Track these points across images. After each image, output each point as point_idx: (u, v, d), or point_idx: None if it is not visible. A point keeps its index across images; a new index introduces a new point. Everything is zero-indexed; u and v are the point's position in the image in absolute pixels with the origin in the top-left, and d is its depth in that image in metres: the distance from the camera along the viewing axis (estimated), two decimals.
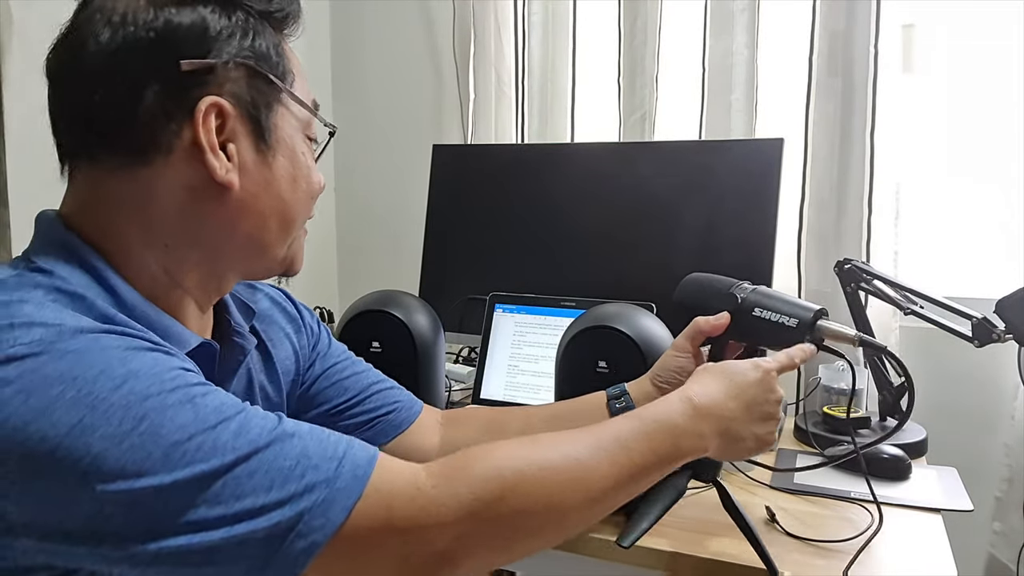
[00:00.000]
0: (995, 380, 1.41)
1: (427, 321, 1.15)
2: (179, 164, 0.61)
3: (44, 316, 0.52)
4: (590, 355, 1.00)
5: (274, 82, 0.65)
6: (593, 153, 1.54)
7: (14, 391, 0.48)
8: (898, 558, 0.87)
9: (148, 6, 0.60)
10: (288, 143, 0.67)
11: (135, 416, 0.50)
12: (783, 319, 0.84)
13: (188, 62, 0.60)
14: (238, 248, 0.67)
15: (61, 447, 0.48)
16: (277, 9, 0.66)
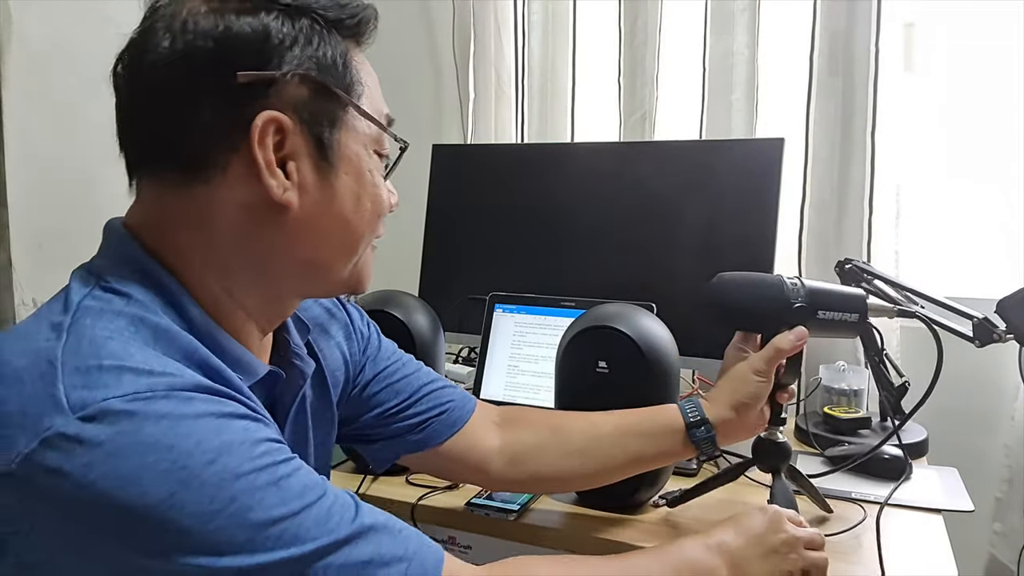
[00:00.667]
0: (996, 380, 1.41)
1: (427, 321, 1.14)
2: (236, 182, 0.58)
3: (134, 360, 0.51)
4: (590, 355, 1.00)
5: (339, 95, 0.61)
6: (593, 153, 1.54)
7: (106, 453, 0.47)
8: (899, 558, 0.87)
9: (209, 13, 0.57)
10: (353, 160, 0.63)
11: (226, 497, 0.49)
12: (845, 316, 0.87)
13: (245, 74, 0.56)
14: (298, 270, 0.63)
15: (149, 518, 0.47)
16: (349, 16, 0.62)
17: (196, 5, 0.57)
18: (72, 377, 0.49)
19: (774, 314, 0.88)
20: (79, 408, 0.48)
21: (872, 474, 1.09)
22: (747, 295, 0.90)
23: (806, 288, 0.89)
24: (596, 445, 0.88)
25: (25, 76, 1.27)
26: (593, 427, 0.90)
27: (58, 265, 1.21)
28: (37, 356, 0.51)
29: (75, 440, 0.47)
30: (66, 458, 0.47)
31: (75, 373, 0.49)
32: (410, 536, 0.57)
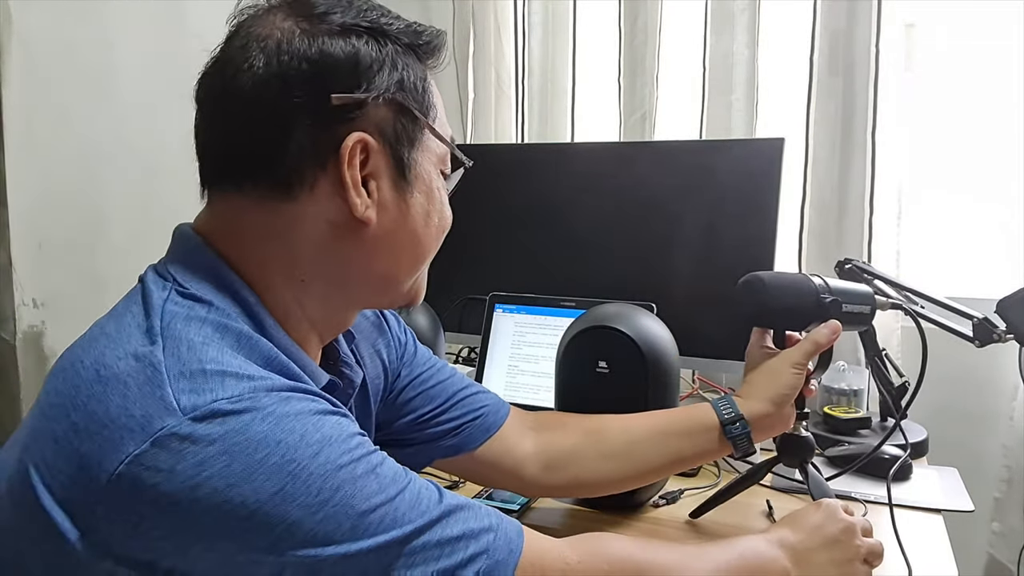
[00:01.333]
0: (996, 380, 1.41)
1: (427, 321, 1.14)
2: (321, 199, 0.60)
3: (231, 365, 0.53)
4: (590, 355, 1.00)
5: (419, 118, 0.64)
6: (593, 153, 1.54)
7: (218, 451, 0.49)
8: (898, 558, 0.87)
9: (304, 36, 0.59)
10: (426, 179, 0.66)
11: (331, 487, 0.51)
12: (863, 308, 0.94)
13: (338, 96, 0.58)
14: (370, 283, 0.66)
15: (260, 513, 0.49)
16: (426, 42, 0.65)
17: (289, 26, 0.59)
18: (179, 382, 0.51)
19: (809, 310, 0.91)
20: (190, 410, 0.49)
21: (872, 474, 1.09)
22: (786, 293, 0.91)
23: (830, 284, 0.92)
24: (634, 447, 0.89)
25: (25, 76, 1.27)
26: (629, 430, 0.91)
27: (58, 265, 1.21)
28: (138, 360, 0.52)
29: (188, 440, 0.49)
30: (178, 458, 0.48)
31: (181, 377, 0.51)
32: (491, 511, 0.60)
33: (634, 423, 0.92)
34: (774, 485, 1.08)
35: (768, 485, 1.08)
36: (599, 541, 0.68)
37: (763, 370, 0.92)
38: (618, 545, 0.68)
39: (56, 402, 0.53)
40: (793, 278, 0.94)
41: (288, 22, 0.59)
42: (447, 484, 1.07)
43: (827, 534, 0.78)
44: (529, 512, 1.00)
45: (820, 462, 1.18)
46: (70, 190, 1.29)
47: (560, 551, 0.63)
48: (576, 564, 0.63)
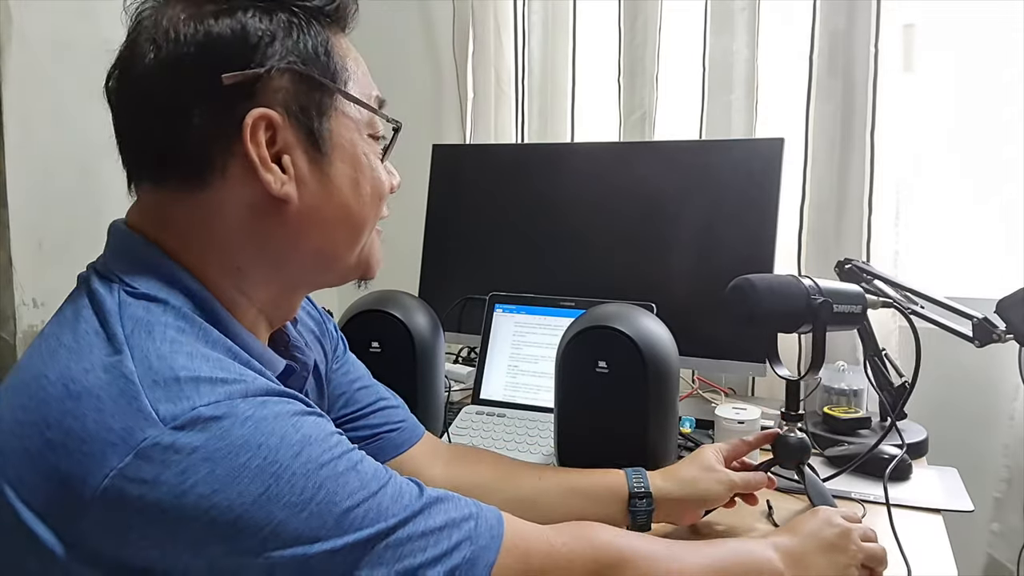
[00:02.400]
0: (996, 380, 1.41)
1: (427, 321, 1.14)
2: (236, 183, 0.59)
3: (203, 370, 0.52)
4: (590, 355, 1.00)
5: (325, 84, 0.62)
6: (593, 153, 1.54)
7: (200, 458, 0.49)
8: (897, 558, 0.87)
9: (189, 19, 0.57)
10: (347, 147, 0.64)
11: (314, 485, 0.51)
12: (853, 308, 0.94)
13: (230, 75, 0.57)
14: (307, 261, 0.65)
15: (246, 515, 0.49)
16: (327, 3, 0.63)
17: (175, 13, 0.58)
18: (154, 391, 0.50)
19: (799, 312, 0.91)
20: (170, 419, 0.49)
21: (871, 474, 1.09)
22: (777, 296, 0.92)
23: (820, 285, 0.92)
24: (541, 497, 0.88)
25: (25, 76, 1.27)
26: (541, 479, 0.91)
27: (58, 265, 1.21)
28: (108, 372, 0.51)
29: (171, 449, 0.49)
30: (163, 468, 0.48)
31: (155, 387, 0.51)
32: (470, 501, 0.61)
33: (547, 475, 0.93)
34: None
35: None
36: (585, 527, 0.69)
37: (701, 465, 0.92)
38: (604, 532, 0.69)
39: (25, 419, 0.52)
40: (783, 280, 0.93)
41: (175, 9, 0.58)
42: None
43: (823, 538, 0.79)
44: None
45: (820, 462, 1.18)
46: (70, 190, 1.29)
47: (544, 535, 0.64)
48: (560, 547, 0.63)
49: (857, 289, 0.97)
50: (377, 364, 1.11)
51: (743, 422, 1.16)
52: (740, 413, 1.17)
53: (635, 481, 0.89)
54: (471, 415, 1.30)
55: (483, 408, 1.31)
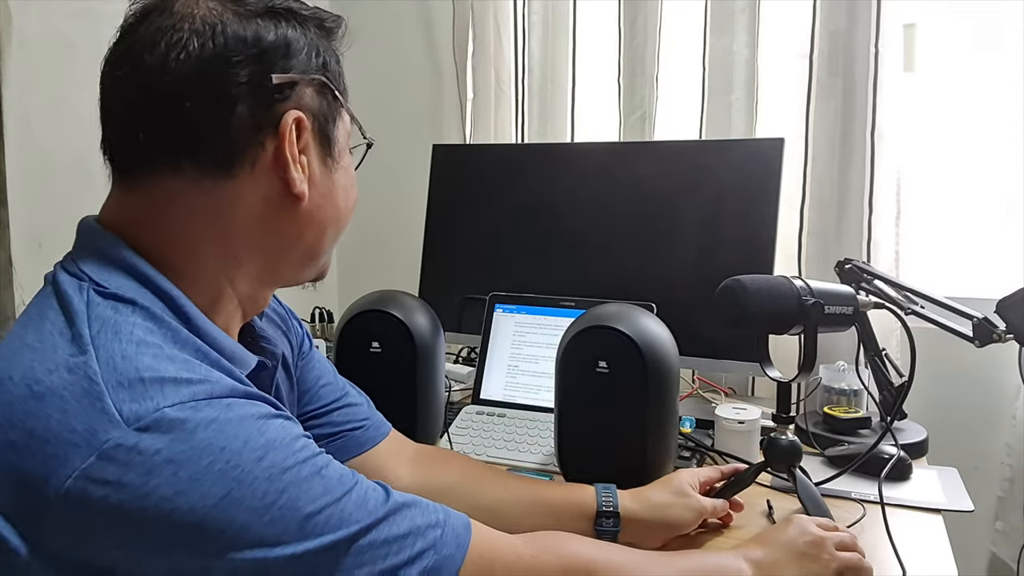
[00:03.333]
0: (996, 380, 1.41)
1: (427, 321, 1.14)
2: (260, 176, 0.62)
3: (169, 370, 0.53)
4: (590, 355, 1.00)
5: (337, 96, 0.67)
6: (593, 153, 1.54)
7: (164, 460, 0.49)
8: (893, 560, 0.87)
9: (236, 19, 0.60)
10: (344, 155, 0.70)
11: (277, 489, 0.52)
12: (844, 309, 0.94)
13: (278, 76, 0.61)
14: (297, 256, 0.68)
15: (208, 519, 0.49)
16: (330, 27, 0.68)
17: (214, 5, 0.60)
18: (118, 392, 0.51)
19: (790, 313, 0.91)
20: (134, 420, 0.50)
21: (871, 474, 1.09)
22: (766, 299, 0.92)
23: (812, 286, 0.92)
24: (506, 507, 0.87)
25: (25, 75, 1.27)
26: (508, 489, 0.90)
27: None
28: (72, 373, 0.52)
29: (135, 451, 0.49)
30: (125, 469, 0.49)
31: (119, 388, 0.51)
32: (438, 508, 0.61)
33: (514, 484, 0.92)
34: (773, 485, 1.08)
35: (767, 485, 1.08)
36: (555, 538, 0.69)
37: (673, 490, 0.91)
38: (574, 543, 0.69)
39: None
40: (774, 282, 0.93)
41: (214, 2, 0.60)
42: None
43: (795, 548, 0.79)
44: None
45: (820, 462, 1.18)
46: (70, 190, 1.29)
47: (513, 545, 0.64)
48: (528, 558, 0.64)
49: (849, 290, 0.97)
50: (377, 364, 1.11)
51: (743, 422, 1.16)
52: (740, 413, 1.17)
53: (604, 499, 0.88)
54: (471, 415, 1.30)
55: (483, 408, 1.31)
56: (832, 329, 0.96)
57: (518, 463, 1.16)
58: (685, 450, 1.17)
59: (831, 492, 1.05)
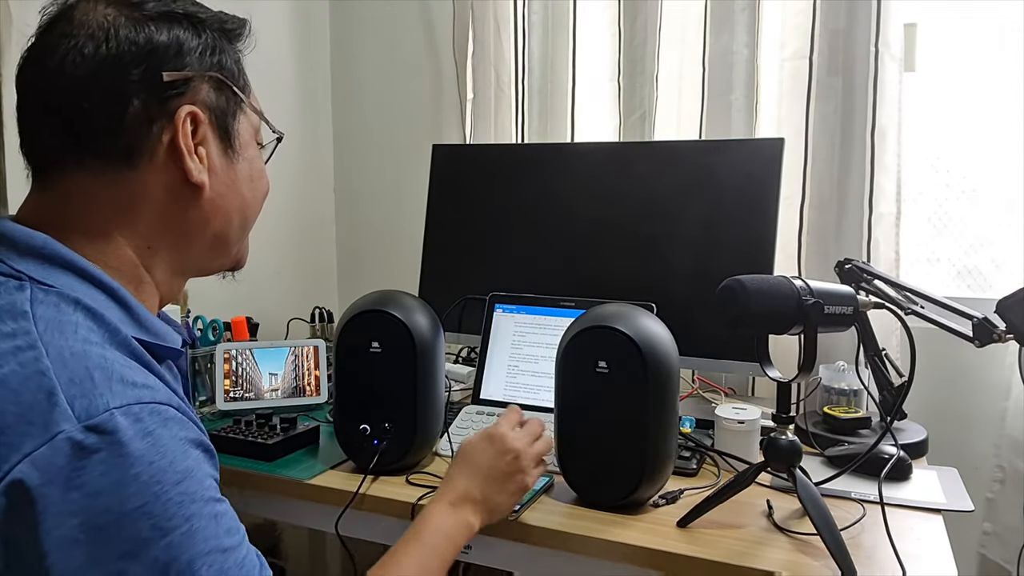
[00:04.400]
0: (996, 380, 1.41)
1: (427, 321, 1.14)
2: (160, 167, 0.67)
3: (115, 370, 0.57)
4: (590, 355, 1.00)
5: (237, 93, 0.72)
6: (593, 153, 1.54)
7: (98, 460, 0.53)
8: (893, 559, 0.87)
9: (129, 23, 0.65)
10: (248, 148, 0.74)
11: (183, 516, 0.55)
12: (844, 309, 0.94)
13: (169, 73, 0.66)
14: (207, 245, 0.73)
15: (118, 523, 0.53)
16: (232, 28, 0.73)
17: (111, 12, 0.65)
18: (70, 388, 0.54)
19: (790, 313, 0.91)
20: (85, 416, 0.53)
21: (871, 473, 1.09)
22: (767, 297, 0.91)
23: (812, 286, 0.92)
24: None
25: None
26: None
27: None
28: (23, 367, 0.55)
29: (78, 447, 0.52)
30: (65, 461, 0.52)
31: (71, 384, 0.55)
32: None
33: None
34: (773, 485, 1.08)
35: (767, 485, 1.08)
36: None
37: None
38: None
39: None
40: (774, 281, 0.93)
41: (109, 9, 0.66)
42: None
43: (499, 471, 0.90)
44: (529, 512, 1.00)
45: (820, 462, 1.18)
46: None
47: None
48: None
49: (848, 290, 0.97)
50: (377, 364, 1.11)
51: (743, 422, 1.16)
52: (740, 413, 1.17)
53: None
54: (471, 415, 1.30)
55: (483, 408, 1.31)
56: (832, 329, 0.96)
57: None
58: (685, 450, 1.17)
59: (831, 492, 1.05)
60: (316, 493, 1.11)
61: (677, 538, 0.94)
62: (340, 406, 1.16)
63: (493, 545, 1.01)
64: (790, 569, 0.87)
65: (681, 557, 0.90)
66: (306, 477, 1.13)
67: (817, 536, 0.89)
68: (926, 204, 1.55)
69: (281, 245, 1.89)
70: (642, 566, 0.93)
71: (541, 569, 1.01)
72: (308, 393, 1.43)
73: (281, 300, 1.85)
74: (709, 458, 1.18)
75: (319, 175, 2.03)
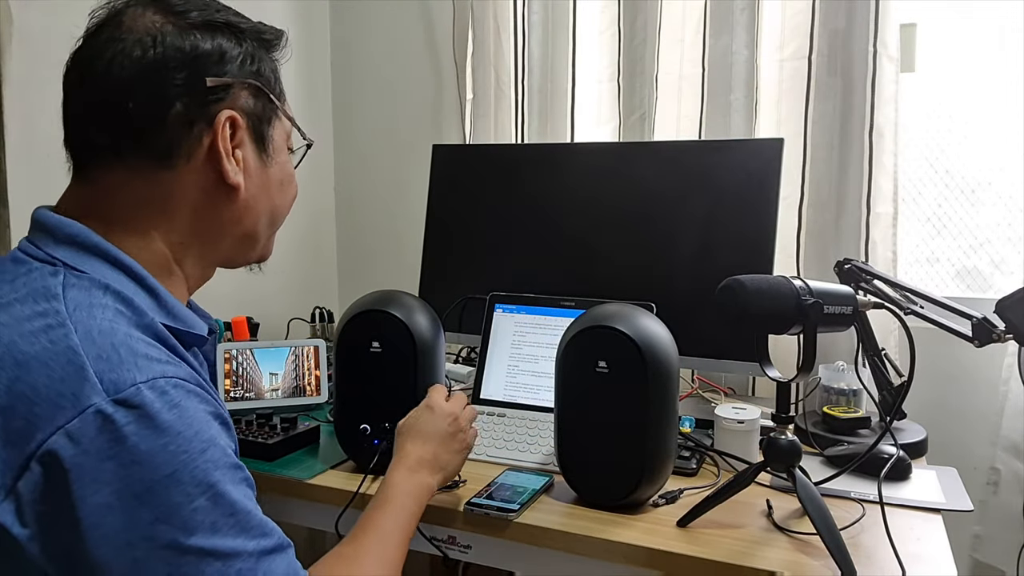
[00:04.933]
0: (995, 380, 1.41)
1: (427, 321, 1.14)
2: (197, 168, 0.70)
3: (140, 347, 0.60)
4: (590, 355, 1.00)
5: (273, 100, 0.76)
6: (593, 153, 1.54)
7: (129, 432, 0.56)
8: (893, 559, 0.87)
9: (176, 31, 0.69)
10: (280, 153, 0.78)
11: (207, 482, 0.59)
12: (843, 309, 0.95)
13: (212, 79, 0.69)
14: (236, 241, 0.77)
15: (151, 491, 0.57)
16: (269, 39, 0.77)
17: (158, 19, 0.69)
18: (98, 363, 0.58)
19: (790, 313, 0.91)
20: (113, 391, 0.57)
21: (871, 473, 1.09)
22: (767, 297, 0.92)
23: (811, 286, 0.92)
24: None
25: (26, 74, 1.27)
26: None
27: None
28: (55, 344, 0.58)
29: (109, 420, 0.56)
30: (96, 434, 0.56)
31: (99, 359, 0.58)
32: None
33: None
34: (773, 485, 1.08)
35: (767, 485, 1.08)
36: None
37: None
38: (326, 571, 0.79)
39: None
40: (773, 281, 0.93)
41: (157, 16, 0.69)
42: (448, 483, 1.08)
43: (445, 433, 0.97)
44: (529, 512, 1.00)
45: (819, 462, 1.19)
46: None
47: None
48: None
49: (848, 290, 0.97)
50: (377, 364, 1.12)
51: (743, 422, 1.16)
52: (740, 413, 1.17)
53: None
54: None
55: (483, 408, 1.31)
56: (831, 329, 0.96)
57: (518, 463, 1.16)
58: (685, 450, 1.17)
59: (830, 492, 1.05)
60: (316, 493, 1.11)
61: (677, 538, 0.94)
62: (340, 406, 1.16)
63: (493, 545, 1.01)
64: (790, 569, 0.87)
65: (681, 557, 0.91)
66: (306, 477, 1.13)
67: (817, 536, 0.90)
68: (925, 204, 1.55)
69: (282, 245, 1.86)
70: (642, 566, 0.93)
71: (541, 569, 1.01)
72: (308, 393, 1.43)
73: (281, 300, 1.86)
74: (709, 458, 1.19)
75: (319, 175, 2.03)
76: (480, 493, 1.04)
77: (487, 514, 0.99)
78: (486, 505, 1.00)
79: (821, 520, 0.90)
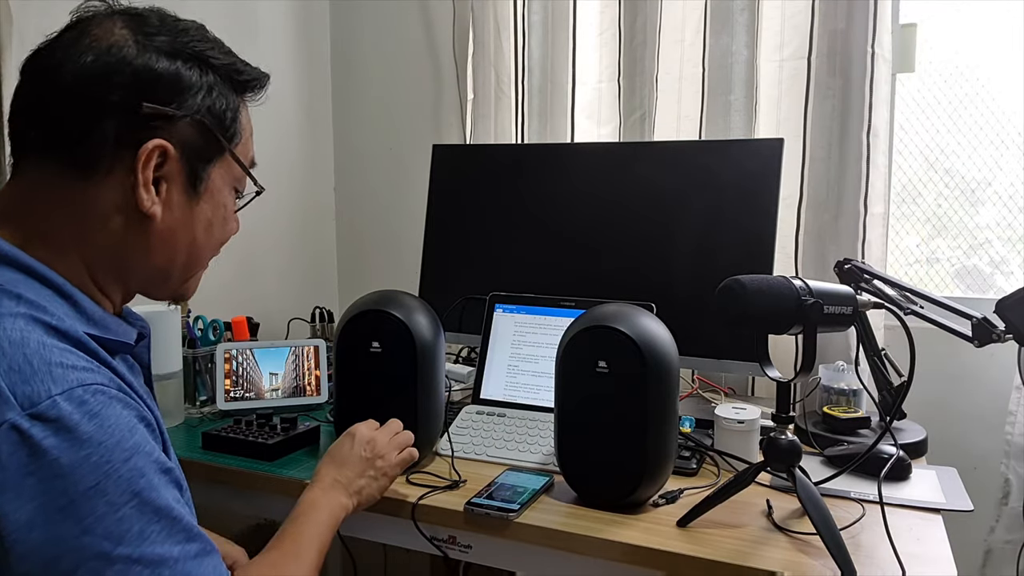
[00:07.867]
0: (996, 380, 1.41)
1: (427, 321, 1.14)
2: (114, 185, 0.67)
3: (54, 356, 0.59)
4: (590, 355, 1.00)
5: (220, 141, 0.73)
6: (593, 153, 1.54)
7: (48, 446, 0.55)
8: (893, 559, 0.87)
9: (135, 46, 0.67)
10: (216, 195, 0.74)
11: (132, 491, 0.58)
12: (843, 309, 0.95)
13: (149, 106, 0.67)
14: (146, 273, 0.73)
15: (75, 503, 0.56)
16: (245, 80, 0.75)
17: (124, 33, 0.67)
18: (10, 376, 0.56)
19: (790, 313, 0.91)
20: (28, 404, 0.56)
21: (870, 473, 1.09)
22: (767, 297, 0.92)
23: (811, 286, 0.92)
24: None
25: None
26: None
27: None
28: None
29: (25, 435, 0.55)
30: (13, 450, 0.55)
31: (11, 372, 0.57)
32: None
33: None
34: (773, 485, 1.08)
35: (767, 485, 1.08)
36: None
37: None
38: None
39: None
40: (773, 281, 0.94)
41: (125, 31, 0.68)
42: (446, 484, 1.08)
43: (359, 457, 0.98)
44: (529, 512, 1.00)
45: (819, 462, 1.19)
46: None
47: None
48: None
49: (848, 290, 0.97)
50: (377, 364, 1.12)
51: (743, 422, 1.16)
52: (740, 413, 1.17)
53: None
54: (471, 415, 1.30)
55: (483, 408, 1.31)
56: (831, 329, 0.96)
57: (518, 463, 1.16)
58: (685, 450, 1.17)
59: (830, 492, 1.05)
60: None
61: (677, 538, 0.94)
62: (340, 406, 1.16)
63: (493, 545, 1.01)
64: (790, 569, 0.87)
65: (681, 557, 0.91)
66: (306, 477, 1.12)
67: (817, 536, 0.90)
68: (925, 204, 1.55)
69: (282, 245, 1.89)
70: (642, 566, 0.93)
71: (541, 569, 1.01)
72: (308, 393, 1.43)
73: (281, 300, 1.86)
74: (709, 458, 1.19)
75: (319, 175, 2.04)
76: (480, 493, 1.04)
77: (487, 514, 0.99)
78: (486, 505, 1.00)
79: (821, 520, 0.90)
